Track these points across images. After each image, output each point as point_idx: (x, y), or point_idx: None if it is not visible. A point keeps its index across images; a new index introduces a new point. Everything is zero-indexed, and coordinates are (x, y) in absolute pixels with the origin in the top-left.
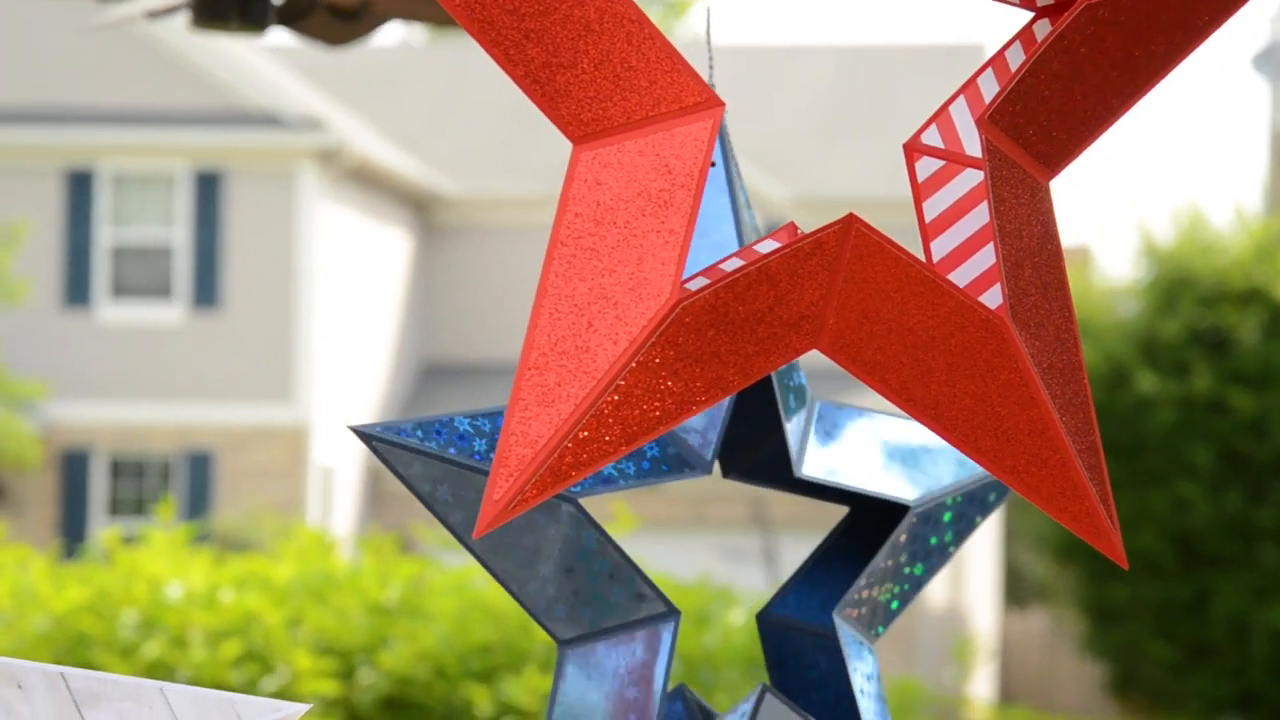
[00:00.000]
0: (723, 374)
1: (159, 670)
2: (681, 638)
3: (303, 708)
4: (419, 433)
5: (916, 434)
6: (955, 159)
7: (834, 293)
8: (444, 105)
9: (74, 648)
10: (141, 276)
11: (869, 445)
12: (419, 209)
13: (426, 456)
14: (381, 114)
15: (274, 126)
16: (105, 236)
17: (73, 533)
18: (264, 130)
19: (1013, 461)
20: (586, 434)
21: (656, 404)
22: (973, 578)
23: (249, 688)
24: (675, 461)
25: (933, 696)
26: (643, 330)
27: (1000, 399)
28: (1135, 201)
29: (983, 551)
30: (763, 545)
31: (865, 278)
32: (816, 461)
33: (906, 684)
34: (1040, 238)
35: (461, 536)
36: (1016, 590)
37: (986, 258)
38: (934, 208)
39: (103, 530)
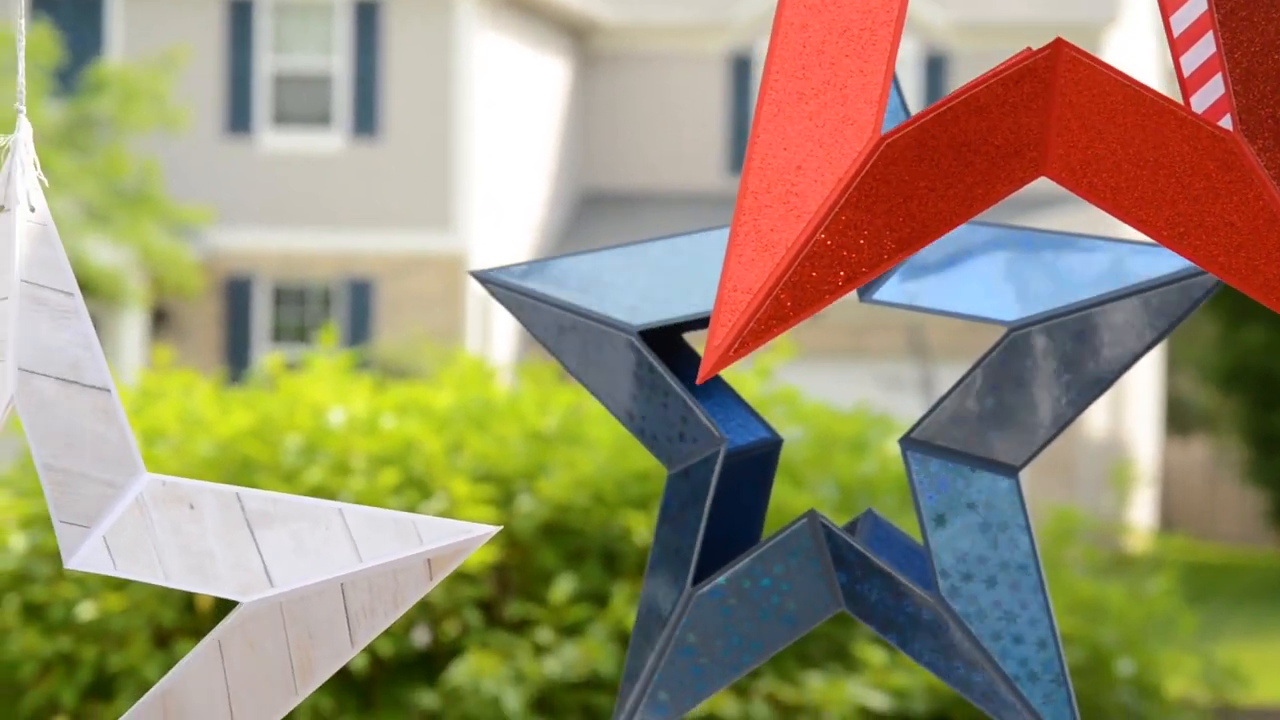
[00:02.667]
0: (942, 208)
1: (321, 495)
2: (839, 465)
3: (487, 530)
4: (534, 277)
5: (1031, 253)
6: None
7: (1053, 119)
8: None
9: (239, 472)
10: (301, 104)
11: (971, 266)
12: (577, 37)
13: (539, 302)
14: None
15: None
16: (266, 64)
17: (236, 359)
18: None
19: (1261, 279)
20: (803, 276)
21: (874, 243)
22: (1133, 406)
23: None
24: None
25: (1092, 523)
26: (848, 169)
27: (1238, 216)
28: None
29: (1144, 379)
30: (920, 373)
31: (1084, 102)
32: (896, 283)
33: (1065, 511)
34: None
35: (576, 374)
36: (1178, 419)
37: (1219, 77)
38: (1179, 23)
39: (265, 356)
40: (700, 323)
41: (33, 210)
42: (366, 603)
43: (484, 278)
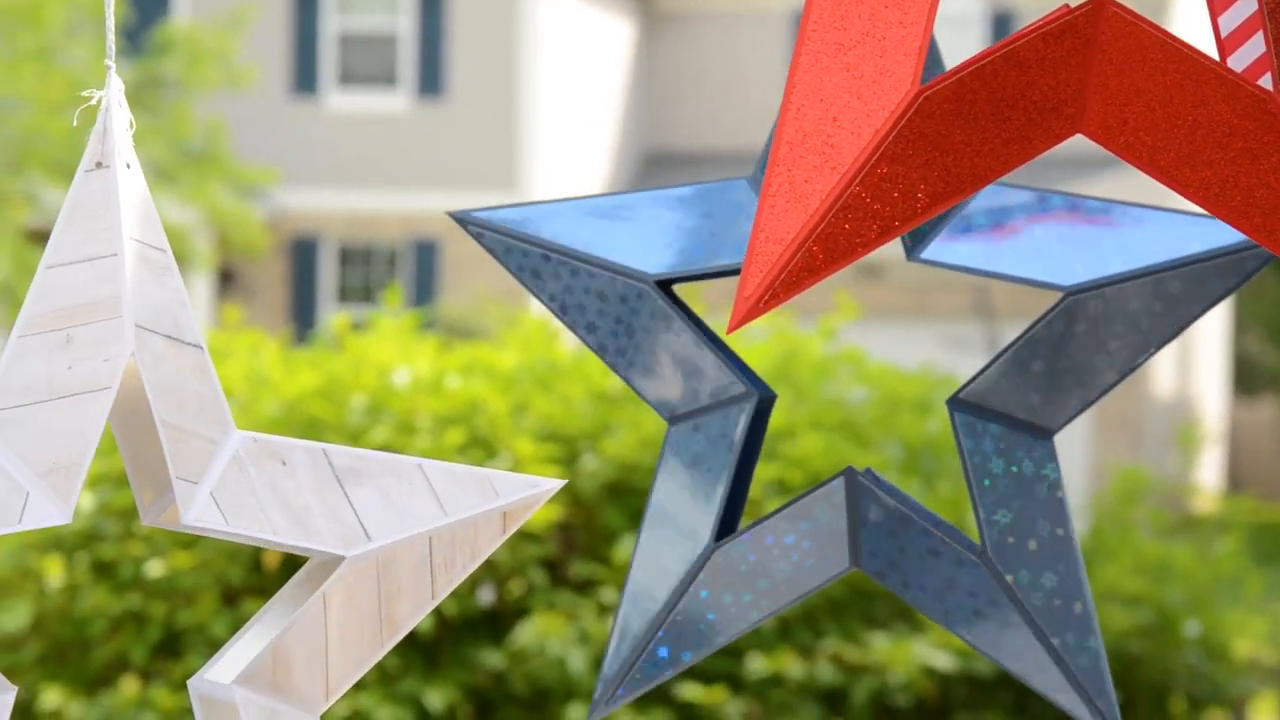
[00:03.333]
0: (977, 163)
1: None
2: (903, 425)
3: (557, 484)
4: (514, 218)
5: (1084, 218)
6: None
7: (1093, 75)
8: None
9: (305, 431)
10: (367, 65)
11: (1023, 229)
12: None
13: (519, 241)
14: None
15: None
16: (331, 24)
17: (302, 318)
18: None
19: None
20: (836, 229)
21: (908, 197)
22: (1201, 365)
23: None
24: None
25: (1159, 484)
26: (886, 122)
27: (1276, 177)
28: None
29: (1211, 339)
30: (986, 334)
31: (1125, 60)
32: (948, 243)
33: (1132, 472)
34: None
35: (562, 317)
36: (1246, 378)
37: (1259, 38)
38: None
39: (331, 316)
40: (715, 274)
41: (128, 167)
42: (448, 555)
43: (462, 217)
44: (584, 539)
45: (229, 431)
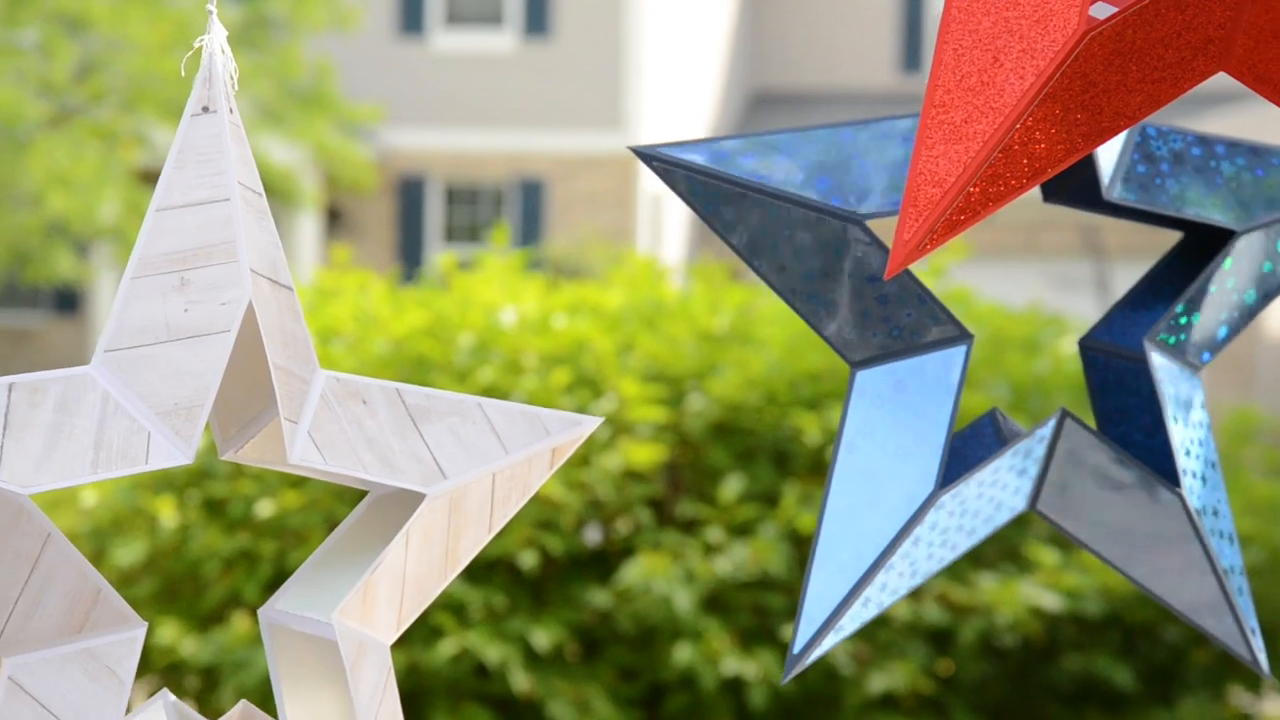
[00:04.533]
0: (1128, 102)
1: (494, 394)
2: (1011, 365)
3: (596, 421)
4: (699, 153)
5: (1253, 156)
6: None
7: (1243, 12)
8: None
9: (413, 371)
10: (473, 4)
11: (1196, 168)
12: None
13: (704, 176)
14: None
15: None
16: None
17: (409, 258)
18: None
19: None
20: (994, 170)
21: (1064, 137)
22: None
23: (580, 412)
24: None
25: (1271, 424)
26: (1049, 62)
27: None
28: None
29: None
30: (1095, 273)
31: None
32: (1131, 184)
33: (1243, 412)
34: None
35: (747, 258)
36: None
37: None
38: None
39: (438, 255)
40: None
41: (231, 112)
42: (505, 492)
43: (649, 154)
44: (690, 479)
45: (316, 371)
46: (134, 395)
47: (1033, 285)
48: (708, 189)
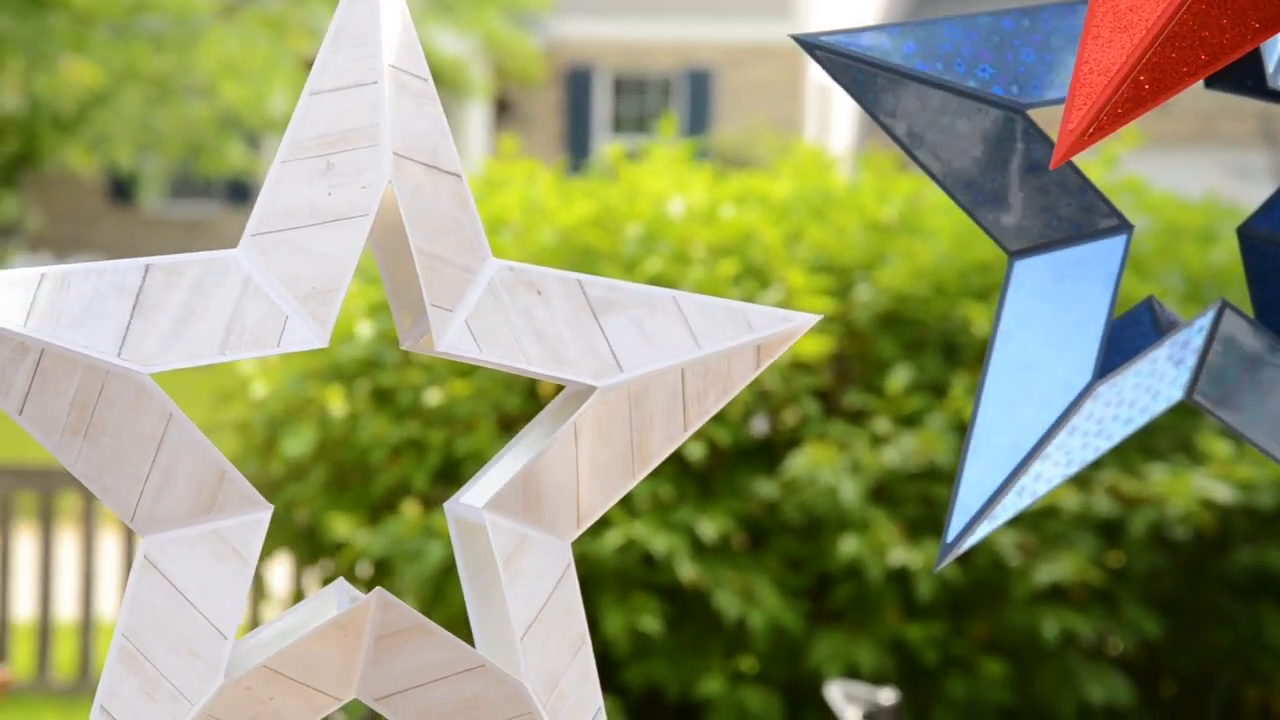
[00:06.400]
0: None
1: (660, 285)
2: (1186, 255)
3: (813, 318)
4: (860, 42)
5: None
6: None
7: None
8: None
9: (580, 260)
10: None
11: None
12: None
13: (865, 65)
14: None
15: None
16: None
17: (577, 148)
18: None
19: None
20: (1162, 58)
21: (1236, 22)
22: None
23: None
24: None
25: None
26: None
27: None
28: None
29: None
30: (1272, 162)
31: None
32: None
33: None
34: None
35: (907, 146)
36: None
37: None
38: None
39: (606, 145)
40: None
41: None
42: (700, 388)
43: (811, 42)
44: (857, 369)
45: (486, 260)
46: (275, 279)
47: (1208, 175)
48: (869, 78)
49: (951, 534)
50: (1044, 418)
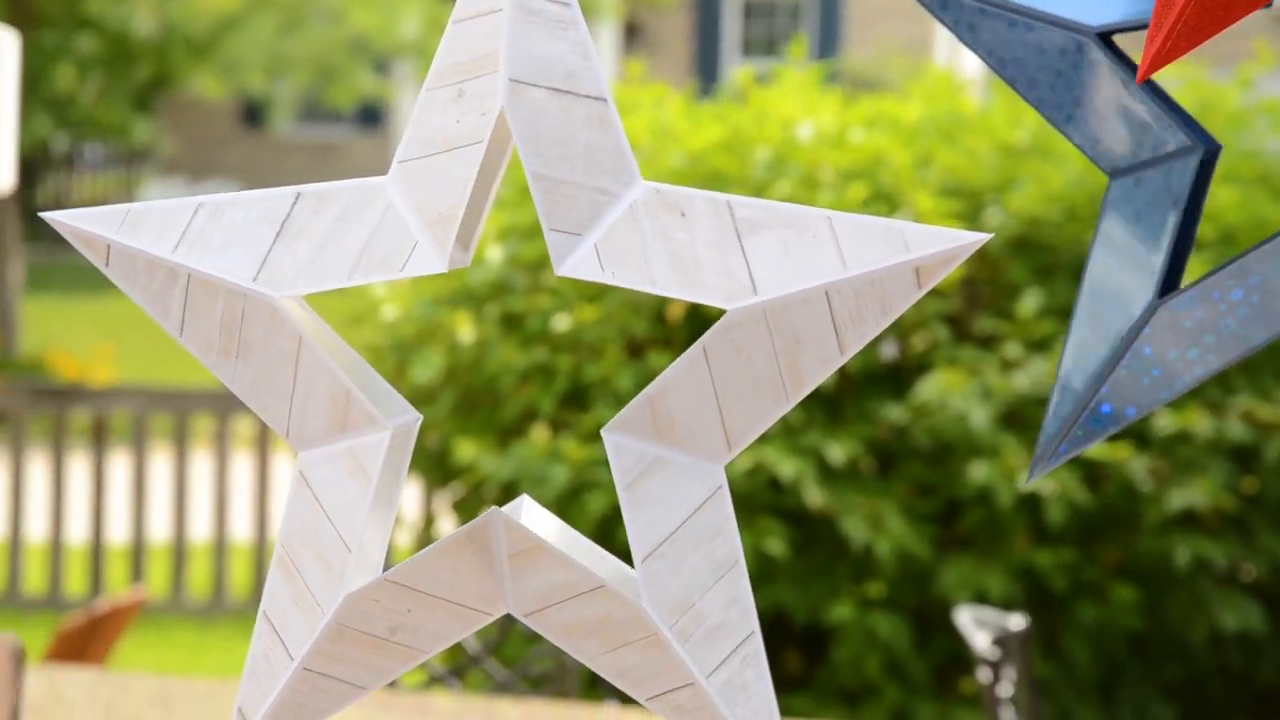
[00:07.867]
0: None
1: None
2: None
3: (980, 237)
4: None
5: None
6: None
7: None
8: None
9: (708, 183)
10: None
11: None
12: None
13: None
14: None
15: None
16: None
17: (706, 72)
18: None
19: None
20: None
21: None
22: None
23: None
24: None
25: None
26: None
27: None
28: None
29: None
30: None
31: None
32: None
33: None
34: None
35: (998, 70)
36: None
37: None
38: None
39: (735, 69)
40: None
41: None
42: (854, 310)
43: None
44: (988, 294)
45: (630, 183)
46: (412, 205)
47: None
48: (954, 5)
49: (1041, 447)
50: (1118, 339)
